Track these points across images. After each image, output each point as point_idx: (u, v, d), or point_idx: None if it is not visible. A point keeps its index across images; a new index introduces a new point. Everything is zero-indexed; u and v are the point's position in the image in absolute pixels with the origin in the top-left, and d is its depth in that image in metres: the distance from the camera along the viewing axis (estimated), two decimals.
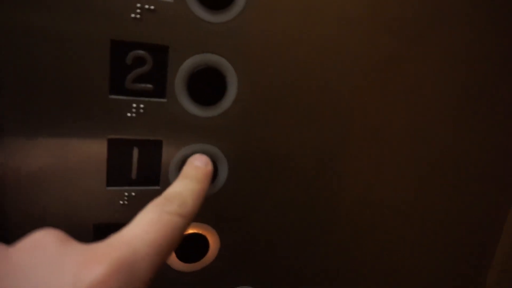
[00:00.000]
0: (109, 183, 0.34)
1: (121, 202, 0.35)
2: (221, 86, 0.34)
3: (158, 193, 0.35)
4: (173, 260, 0.38)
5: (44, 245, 0.21)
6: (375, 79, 0.39)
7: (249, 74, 0.34)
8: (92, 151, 0.33)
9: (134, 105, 0.32)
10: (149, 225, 0.24)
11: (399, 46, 0.39)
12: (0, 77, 0.29)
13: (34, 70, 0.29)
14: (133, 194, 0.35)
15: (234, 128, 0.36)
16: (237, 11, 0.32)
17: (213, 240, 0.38)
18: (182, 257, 0.38)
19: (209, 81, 0.34)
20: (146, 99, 0.33)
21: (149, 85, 0.32)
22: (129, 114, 0.32)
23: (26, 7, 0.28)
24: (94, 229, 0.35)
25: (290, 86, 0.36)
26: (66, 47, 0.29)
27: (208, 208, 0.36)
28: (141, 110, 0.33)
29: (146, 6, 0.30)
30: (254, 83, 0.35)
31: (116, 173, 0.34)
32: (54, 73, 0.30)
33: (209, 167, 0.33)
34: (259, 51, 0.34)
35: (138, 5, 0.30)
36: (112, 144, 0.33)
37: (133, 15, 0.30)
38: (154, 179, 0.35)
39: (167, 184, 0.35)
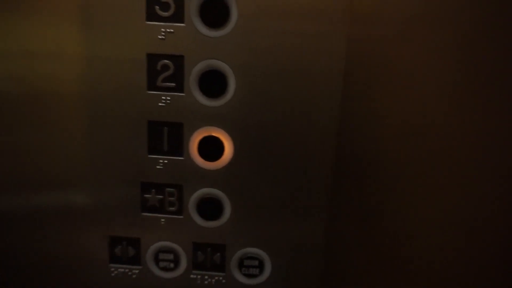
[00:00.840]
0: (150, 152, 0.49)
1: (158, 167, 0.49)
2: (224, 84, 0.46)
3: (182, 162, 0.49)
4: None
5: None
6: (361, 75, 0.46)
7: (244, 74, 0.46)
8: (138, 129, 0.48)
9: (163, 98, 0.47)
10: None
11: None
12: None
13: (99, 77, 0.47)
14: (166, 161, 0.49)
15: (235, 114, 0.47)
16: (230, 28, 0.45)
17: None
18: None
19: (214, 80, 0.46)
20: (171, 93, 0.47)
21: (173, 84, 0.47)
22: (160, 104, 0.47)
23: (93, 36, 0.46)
24: (141, 185, 0.50)
25: (277, 82, 0.46)
26: (118, 61, 0.46)
27: (220, 176, 0.49)
28: (168, 101, 0.47)
29: (168, 30, 0.45)
30: (249, 81, 0.46)
31: (154, 145, 0.49)
32: (111, 78, 0.47)
33: None
34: (252, 56, 0.46)
35: (163, 30, 0.45)
36: (151, 125, 0.48)
37: (159, 37, 0.45)
38: (180, 151, 0.49)
39: (188, 156, 0.49)
